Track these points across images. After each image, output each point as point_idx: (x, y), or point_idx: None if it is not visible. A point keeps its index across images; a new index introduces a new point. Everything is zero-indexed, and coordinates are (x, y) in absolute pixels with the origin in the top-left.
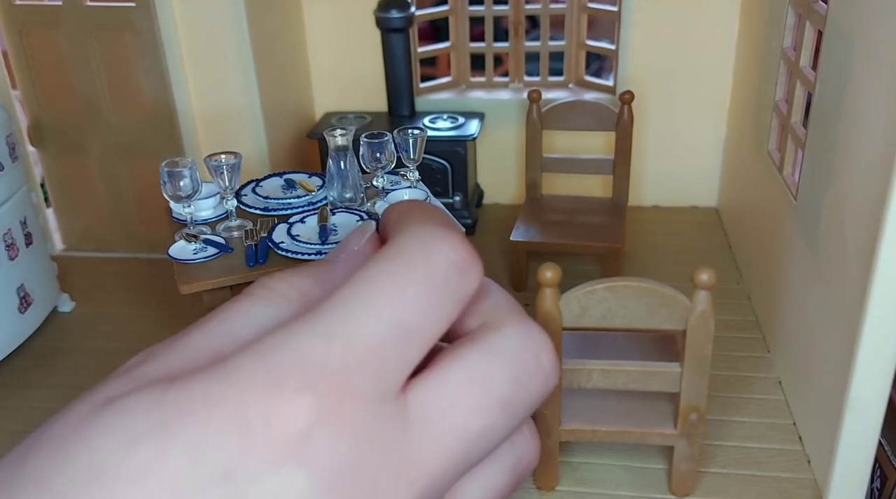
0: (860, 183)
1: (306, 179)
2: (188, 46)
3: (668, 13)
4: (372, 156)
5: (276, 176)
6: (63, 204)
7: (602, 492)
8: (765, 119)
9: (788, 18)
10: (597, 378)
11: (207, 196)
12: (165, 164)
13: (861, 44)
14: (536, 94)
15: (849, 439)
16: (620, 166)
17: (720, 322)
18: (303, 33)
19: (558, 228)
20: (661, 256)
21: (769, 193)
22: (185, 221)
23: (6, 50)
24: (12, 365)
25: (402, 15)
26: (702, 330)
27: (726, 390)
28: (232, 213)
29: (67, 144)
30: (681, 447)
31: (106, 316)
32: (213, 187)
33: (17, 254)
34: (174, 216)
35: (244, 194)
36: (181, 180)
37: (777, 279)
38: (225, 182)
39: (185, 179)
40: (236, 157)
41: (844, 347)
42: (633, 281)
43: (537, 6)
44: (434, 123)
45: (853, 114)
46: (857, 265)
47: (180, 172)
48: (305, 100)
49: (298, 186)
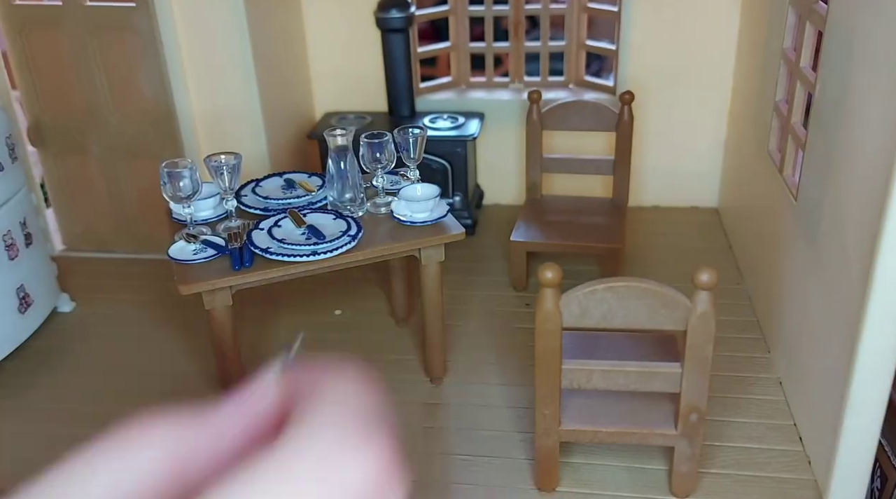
0: (860, 183)
1: (306, 179)
2: (188, 47)
3: (669, 13)
4: (372, 156)
5: (276, 176)
6: (63, 204)
7: (602, 493)
8: (765, 119)
9: (789, 19)
10: (597, 379)
11: (207, 196)
12: (165, 164)
13: (861, 44)
14: (536, 95)
15: (849, 440)
16: (621, 167)
17: (720, 323)
18: (303, 34)
19: (558, 229)
20: (661, 257)
21: (769, 194)
22: (185, 222)
23: (6, 51)
24: (12, 365)
25: (402, 15)
26: (702, 331)
27: (727, 391)
28: (232, 213)
29: (67, 145)
30: (681, 448)
31: (106, 316)
32: (213, 188)
33: (17, 254)
34: (174, 217)
35: (244, 195)
36: (181, 181)
37: (777, 279)
38: (225, 183)
39: (185, 180)
40: (236, 157)
41: (845, 348)
42: (633, 281)
43: (537, 6)
44: (434, 123)
45: (853, 114)
46: (858, 266)
47: (180, 172)
48: (305, 100)
49: (298, 186)
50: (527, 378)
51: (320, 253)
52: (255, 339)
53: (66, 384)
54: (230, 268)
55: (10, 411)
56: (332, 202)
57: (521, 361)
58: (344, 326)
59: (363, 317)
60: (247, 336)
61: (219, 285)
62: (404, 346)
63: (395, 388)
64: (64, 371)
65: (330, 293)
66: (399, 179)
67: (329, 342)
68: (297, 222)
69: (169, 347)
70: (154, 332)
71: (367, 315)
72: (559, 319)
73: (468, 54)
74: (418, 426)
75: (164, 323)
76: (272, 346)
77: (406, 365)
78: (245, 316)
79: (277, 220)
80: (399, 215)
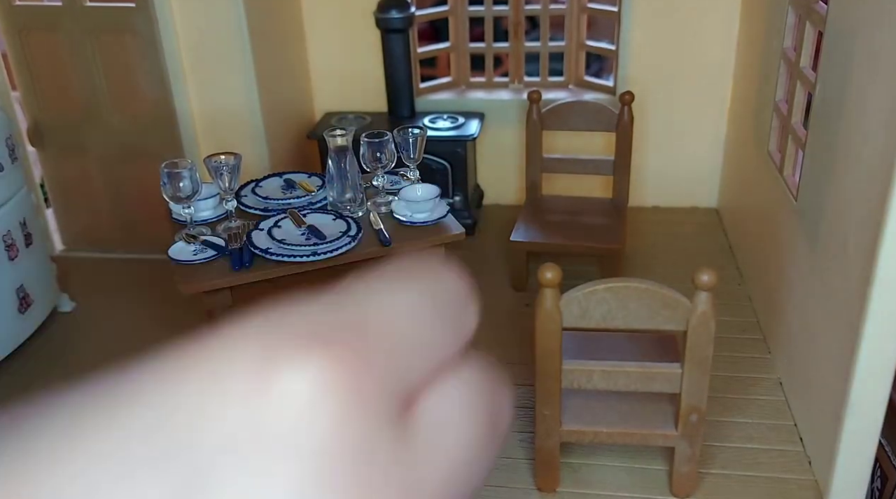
0: (861, 183)
1: (306, 179)
2: (188, 47)
3: (669, 13)
4: (372, 155)
5: (276, 176)
6: (63, 204)
7: (603, 493)
8: (765, 119)
9: (789, 19)
10: (597, 379)
11: (207, 197)
12: (165, 165)
13: (861, 44)
14: (536, 95)
15: (849, 440)
16: (620, 167)
17: (721, 323)
18: (303, 34)
19: (558, 229)
20: (661, 257)
21: (770, 194)
22: (185, 222)
23: (6, 51)
24: (12, 365)
25: (402, 15)
26: (703, 331)
27: (727, 391)
28: (232, 213)
29: (67, 145)
30: (682, 448)
31: (106, 316)
32: (212, 188)
33: (16, 254)
34: (174, 217)
35: (244, 195)
36: (181, 181)
37: (778, 280)
38: (225, 183)
39: (185, 180)
40: (236, 157)
41: (845, 348)
42: (633, 282)
43: (537, 7)
44: (434, 123)
45: (854, 114)
46: (858, 266)
47: (180, 173)
48: (305, 100)
49: (298, 186)
50: (527, 378)
51: (320, 253)
52: None
53: (66, 384)
54: (230, 268)
55: None
56: (331, 202)
57: (521, 362)
58: None
59: None
60: None
61: (219, 285)
62: None
63: None
64: (64, 371)
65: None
66: (399, 178)
67: None
68: (296, 223)
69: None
70: (154, 331)
71: None
72: (559, 319)
73: (468, 54)
74: None
75: (164, 322)
76: None
77: None
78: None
79: (277, 220)
80: (399, 215)
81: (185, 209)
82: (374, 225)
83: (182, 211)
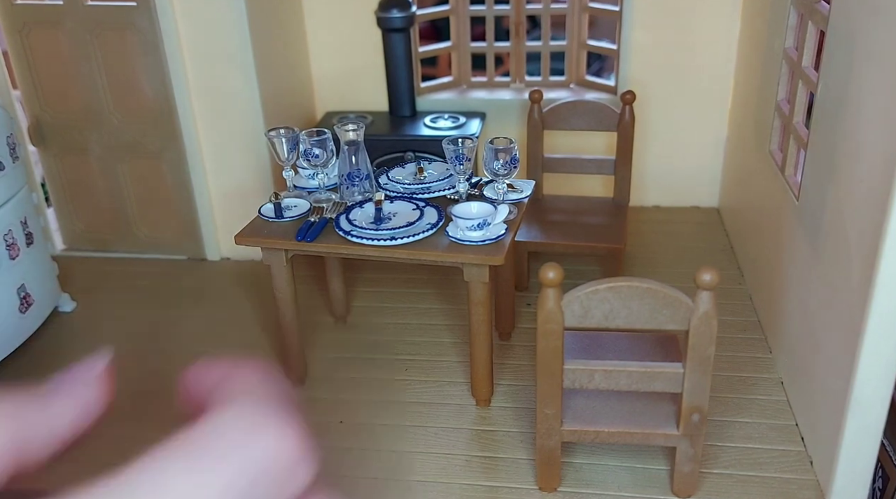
0: (862, 183)
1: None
2: (189, 46)
3: (670, 13)
4: (500, 161)
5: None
6: (64, 204)
7: (604, 493)
8: (766, 119)
9: (790, 18)
10: (599, 379)
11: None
12: (306, 132)
13: (863, 44)
14: (538, 94)
15: (851, 440)
16: (622, 167)
17: (722, 323)
18: (303, 33)
19: (560, 229)
20: (662, 257)
21: (771, 194)
22: (309, 189)
23: (7, 50)
24: (13, 365)
25: (403, 15)
26: (704, 331)
27: (728, 391)
28: (322, 187)
29: (68, 144)
30: (683, 448)
31: (106, 316)
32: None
33: (17, 254)
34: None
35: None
36: (318, 149)
37: (779, 280)
38: (283, 153)
39: (283, 146)
40: (291, 131)
41: (847, 348)
42: (635, 281)
43: (538, 6)
44: (435, 123)
45: (856, 114)
46: (860, 266)
47: (324, 139)
48: (306, 100)
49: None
50: (528, 378)
51: (374, 241)
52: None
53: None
54: (291, 235)
55: None
56: (343, 196)
57: (523, 361)
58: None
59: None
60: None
61: (271, 246)
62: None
63: (399, 389)
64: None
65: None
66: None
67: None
68: (376, 203)
69: (169, 347)
70: (154, 331)
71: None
72: (561, 318)
73: (469, 54)
74: (419, 427)
75: (164, 322)
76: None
77: (403, 366)
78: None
79: (363, 202)
80: (454, 236)
81: (286, 172)
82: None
83: (284, 175)
